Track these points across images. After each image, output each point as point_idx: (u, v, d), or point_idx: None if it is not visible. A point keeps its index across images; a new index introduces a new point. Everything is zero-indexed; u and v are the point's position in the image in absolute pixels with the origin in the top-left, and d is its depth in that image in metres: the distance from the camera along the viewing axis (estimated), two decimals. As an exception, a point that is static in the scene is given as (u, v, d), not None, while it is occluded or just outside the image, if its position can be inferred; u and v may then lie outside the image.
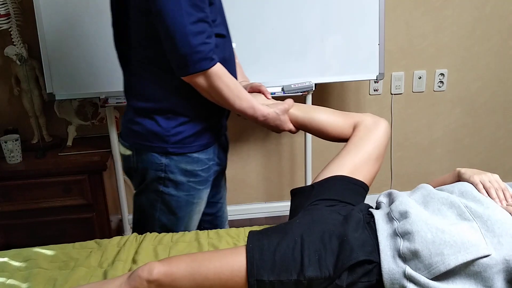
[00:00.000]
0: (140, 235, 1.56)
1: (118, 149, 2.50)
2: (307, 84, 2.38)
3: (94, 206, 2.36)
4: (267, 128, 1.57)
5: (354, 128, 1.53)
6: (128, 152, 1.54)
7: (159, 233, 1.56)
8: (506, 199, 1.25)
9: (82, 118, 2.58)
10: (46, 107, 2.53)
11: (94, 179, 2.33)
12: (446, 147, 3.01)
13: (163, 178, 1.51)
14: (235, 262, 1.17)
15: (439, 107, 2.92)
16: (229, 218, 2.90)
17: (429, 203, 1.25)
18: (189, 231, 1.60)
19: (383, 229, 1.21)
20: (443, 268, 1.08)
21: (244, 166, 2.90)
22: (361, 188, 1.43)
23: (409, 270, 1.11)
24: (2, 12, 2.27)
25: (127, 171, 1.60)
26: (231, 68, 1.52)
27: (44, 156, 2.42)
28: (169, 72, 1.40)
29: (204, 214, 1.69)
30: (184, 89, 1.42)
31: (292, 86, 2.37)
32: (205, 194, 1.60)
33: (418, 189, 1.34)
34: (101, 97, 2.33)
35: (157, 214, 1.57)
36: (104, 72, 2.29)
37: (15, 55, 2.34)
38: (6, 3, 2.27)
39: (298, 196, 1.45)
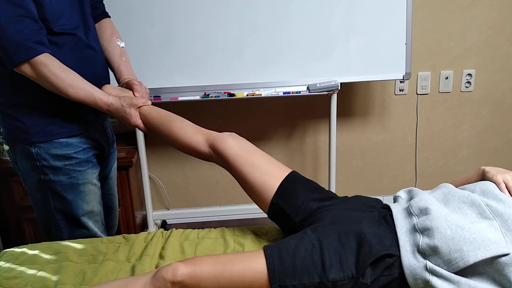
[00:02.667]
0: (166, 231, 1.58)
1: (143, 145, 2.54)
2: (332, 83, 2.38)
3: (120, 202, 2.39)
4: (118, 119, 1.60)
5: (211, 148, 1.50)
6: (7, 147, 1.62)
7: (60, 219, 1.62)
8: None
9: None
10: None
11: (120, 175, 2.36)
12: (472, 148, 2.97)
13: (39, 167, 1.56)
14: (258, 265, 1.19)
15: (465, 107, 2.88)
16: (253, 216, 2.93)
17: (449, 201, 1.25)
18: (94, 215, 1.66)
19: (401, 224, 1.22)
20: (462, 264, 1.09)
21: (267, 164, 2.90)
22: (299, 176, 1.46)
23: (430, 264, 1.12)
24: None
25: (12, 166, 1.66)
26: (91, 65, 1.57)
27: (72, 151, 2.46)
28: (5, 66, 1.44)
29: None
30: (28, 82, 1.46)
31: (318, 85, 2.37)
32: (90, 175, 1.63)
33: (439, 187, 1.35)
34: (128, 95, 2.36)
35: (51, 202, 1.61)
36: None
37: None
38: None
39: (277, 218, 1.45)
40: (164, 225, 2.95)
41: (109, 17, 1.78)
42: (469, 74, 2.80)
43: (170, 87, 2.37)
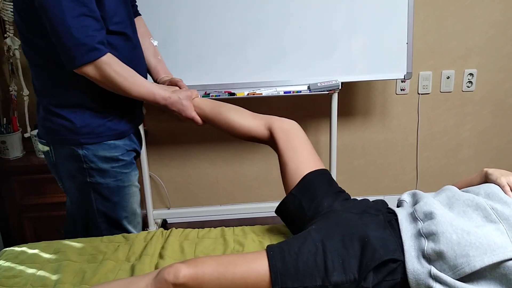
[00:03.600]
0: (166, 231, 1.58)
1: (144, 144, 2.53)
2: (333, 82, 2.37)
3: (121, 201, 2.40)
4: (173, 116, 1.61)
5: (270, 131, 1.53)
6: (46, 148, 1.58)
7: (102, 222, 1.60)
8: None
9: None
10: (75, 103, 2.57)
11: (121, 174, 2.36)
12: (474, 148, 2.97)
13: (86, 169, 1.54)
14: (260, 267, 1.18)
15: (467, 107, 2.88)
16: (254, 215, 2.94)
17: (454, 204, 1.24)
18: (132, 216, 1.65)
19: (406, 229, 1.21)
20: (468, 269, 1.08)
21: (267, 164, 2.90)
22: (328, 174, 1.46)
23: (434, 270, 1.11)
24: None
25: (49, 167, 1.64)
26: (138, 65, 1.56)
27: (72, 150, 2.46)
28: (64, 66, 1.42)
29: None
30: (82, 81, 1.45)
31: (319, 84, 2.36)
32: (134, 176, 1.63)
33: (443, 190, 1.33)
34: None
35: (94, 204, 1.59)
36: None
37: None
38: None
39: (288, 211, 1.45)
40: (165, 224, 2.95)
41: (140, 14, 1.77)
42: (471, 74, 2.80)
43: (171, 86, 2.37)
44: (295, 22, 2.34)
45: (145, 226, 2.73)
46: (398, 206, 1.38)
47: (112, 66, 1.41)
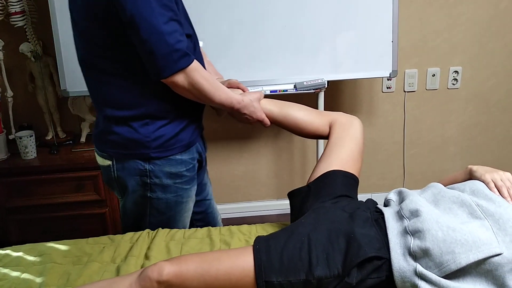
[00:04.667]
0: (152, 231, 1.57)
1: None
2: (319, 81, 2.37)
3: (107, 202, 2.38)
4: (240, 120, 1.58)
5: (330, 126, 1.56)
6: (107, 162, 1.51)
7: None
8: None
9: (95, 114, 2.60)
10: (60, 104, 2.55)
11: (107, 175, 2.35)
12: (460, 145, 2.99)
13: (149, 184, 1.50)
14: (244, 262, 1.18)
15: (452, 104, 2.90)
16: (241, 215, 2.93)
17: (439, 201, 1.24)
18: (184, 227, 1.62)
19: (393, 227, 1.21)
20: (454, 266, 1.08)
21: (255, 163, 2.90)
22: (353, 180, 1.45)
23: (420, 268, 1.11)
24: (18, 9, 2.30)
25: (107, 181, 1.58)
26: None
27: (58, 152, 2.45)
28: (143, 77, 1.38)
29: (194, 213, 1.70)
30: (160, 92, 1.41)
31: (305, 83, 2.37)
32: (192, 191, 1.60)
33: (428, 187, 1.34)
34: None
35: (148, 218, 1.57)
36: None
37: (30, 52, 2.37)
38: (21, 0, 2.29)
39: (296, 197, 1.46)
40: (153, 225, 2.94)
41: None
42: (456, 71, 2.82)
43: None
44: (280, 21, 2.34)
45: (132, 227, 2.71)
46: (385, 206, 1.38)
47: (200, 72, 1.37)
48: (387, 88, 2.82)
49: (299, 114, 1.59)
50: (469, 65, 2.82)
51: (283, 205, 2.97)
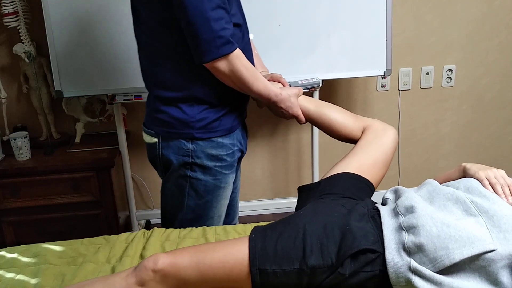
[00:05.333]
0: (147, 231, 1.57)
1: (125, 145, 2.52)
2: (314, 80, 2.37)
3: (102, 203, 2.38)
4: (276, 114, 1.61)
5: (363, 131, 1.56)
6: (154, 140, 1.57)
7: (188, 219, 1.59)
8: None
9: (90, 115, 2.59)
10: (54, 105, 2.55)
11: (102, 176, 2.34)
12: (454, 143, 3.00)
13: (190, 163, 1.54)
14: (239, 251, 1.18)
15: (447, 103, 2.91)
16: (236, 214, 2.93)
17: (434, 198, 1.25)
18: (216, 217, 1.64)
19: (388, 223, 1.22)
20: (447, 262, 1.08)
21: (250, 162, 2.90)
22: (367, 186, 1.43)
23: (414, 264, 1.11)
24: (11, 10, 2.29)
25: (151, 159, 1.63)
26: (249, 58, 1.55)
27: (52, 153, 2.44)
28: (190, 60, 1.43)
29: None
30: (205, 76, 1.46)
31: (299, 82, 2.36)
32: (231, 179, 1.62)
33: (424, 185, 1.34)
34: (108, 94, 2.34)
35: (186, 200, 1.59)
36: (112, 69, 2.30)
37: (24, 52, 2.36)
38: (14, 1, 2.28)
39: (305, 192, 1.46)
40: (148, 225, 2.94)
41: None
42: (450, 70, 2.83)
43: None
44: (275, 20, 2.34)
45: (128, 227, 2.71)
46: (383, 204, 1.39)
47: (242, 60, 1.42)
48: (382, 86, 2.83)
49: (335, 115, 1.60)
50: (463, 63, 2.83)
51: (279, 204, 2.97)
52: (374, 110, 2.87)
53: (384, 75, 2.44)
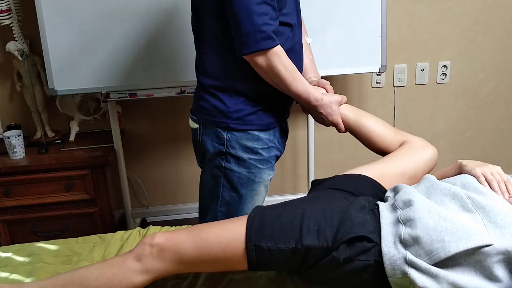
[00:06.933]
0: (143, 229, 1.56)
1: (120, 144, 2.51)
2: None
3: (97, 201, 2.37)
4: (316, 119, 1.61)
5: (401, 145, 1.55)
6: (196, 126, 1.60)
7: (222, 212, 1.59)
8: (508, 192, 1.24)
9: (84, 113, 2.58)
10: (48, 103, 2.53)
11: (97, 174, 2.33)
12: (449, 139, 3.00)
13: (225, 153, 1.55)
14: (236, 228, 1.20)
15: (442, 99, 2.91)
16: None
17: (432, 194, 1.25)
18: None
19: (386, 217, 1.23)
20: (443, 254, 1.09)
21: (246, 160, 2.89)
22: (381, 193, 1.42)
23: (410, 256, 1.12)
24: (3, 8, 2.27)
25: (194, 144, 1.66)
26: (297, 59, 1.55)
27: (46, 151, 2.42)
28: (233, 51, 1.45)
29: None
30: (246, 69, 1.47)
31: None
32: (266, 175, 1.62)
33: (422, 180, 1.35)
34: (102, 92, 2.33)
35: (220, 191, 1.59)
36: (106, 67, 2.29)
37: (17, 50, 2.34)
38: (7, -2, 2.27)
39: (317, 185, 1.47)
40: (144, 223, 2.93)
41: None
42: (445, 66, 2.83)
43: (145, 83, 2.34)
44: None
45: (123, 225, 2.70)
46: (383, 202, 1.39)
47: (281, 58, 1.42)
48: (377, 83, 2.83)
49: (375, 127, 1.59)
50: (458, 59, 2.83)
51: (274, 201, 2.93)
52: (369, 106, 2.87)
53: (379, 72, 2.44)
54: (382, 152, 1.59)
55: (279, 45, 1.42)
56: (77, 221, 2.38)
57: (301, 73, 1.56)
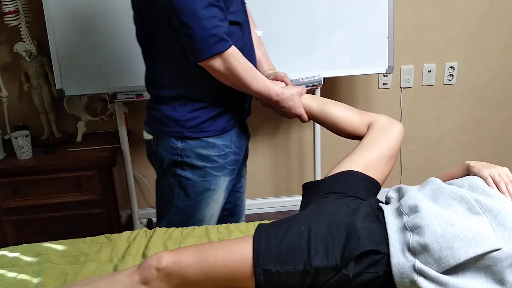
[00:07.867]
0: (149, 230, 1.56)
1: (127, 144, 2.52)
2: (315, 78, 2.36)
3: (104, 201, 2.38)
4: (278, 113, 1.59)
5: (369, 127, 1.54)
6: (150, 137, 1.58)
7: (176, 219, 1.58)
8: None
9: (91, 114, 2.59)
10: (55, 103, 2.54)
11: (104, 175, 2.34)
12: (456, 140, 2.99)
13: (180, 162, 1.53)
14: (243, 251, 1.17)
15: (448, 100, 2.90)
16: (238, 212, 2.92)
17: (438, 197, 1.24)
18: (206, 221, 1.61)
19: (392, 223, 1.21)
20: (453, 262, 1.08)
21: (252, 160, 2.89)
22: (372, 185, 1.42)
23: (418, 264, 1.10)
24: (11, 9, 2.28)
25: (149, 155, 1.64)
26: (249, 57, 1.53)
27: (54, 152, 2.43)
28: (183, 59, 1.42)
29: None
30: (199, 75, 1.44)
31: (301, 80, 2.35)
32: (222, 181, 1.59)
33: (427, 183, 1.33)
34: (109, 93, 2.34)
35: (175, 199, 1.58)
36: (113, 68, 2.30)
37: (25, 51, 2.35)
38: (15, 0, 2.28)
39: (309, 189, 1.45)
40: (150, 224, 2.93)
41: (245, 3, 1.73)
42: (452, 67, 2.82)
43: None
44: (276, 17, 2.33)
45: (130, 226, 2.71)
46: (386, 203, 1.38)
47: (238, 58, 1.40)
48: (383, 84, 2.82)
49: (339, 112, 1.58)
50: (464, 60, 2.82)
51: (281, 203, 2.96)
52: (376, 107, 2.86)
53: (386, 73, 2.44)
54: (351, 136, 1.58)
55: (233, 46, 1.39)
56: (84, 222, 2.39)
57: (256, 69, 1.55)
